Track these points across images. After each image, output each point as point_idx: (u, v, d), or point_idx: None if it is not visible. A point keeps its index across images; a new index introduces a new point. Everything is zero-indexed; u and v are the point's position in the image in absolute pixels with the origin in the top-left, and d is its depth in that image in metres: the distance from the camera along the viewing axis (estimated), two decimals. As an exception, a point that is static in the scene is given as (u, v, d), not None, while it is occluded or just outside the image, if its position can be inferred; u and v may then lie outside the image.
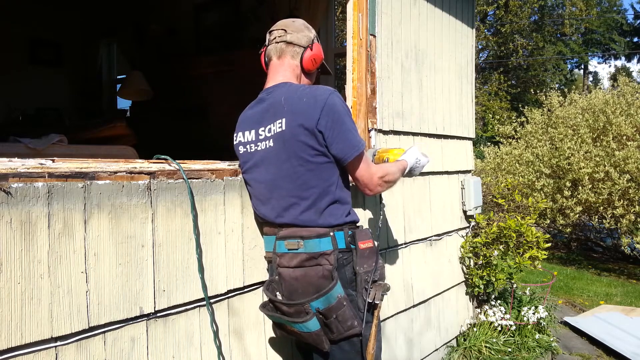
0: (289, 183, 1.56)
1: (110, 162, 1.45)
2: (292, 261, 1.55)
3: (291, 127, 1.53)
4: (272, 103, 1.62)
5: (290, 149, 1.54)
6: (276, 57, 1.71)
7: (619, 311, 4.28)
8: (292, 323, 1.52)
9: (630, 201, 6.05)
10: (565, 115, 7.24)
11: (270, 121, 1.60)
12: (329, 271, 1.52)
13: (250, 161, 1.67)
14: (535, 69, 21.21)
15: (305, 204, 1.55)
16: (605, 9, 25.81)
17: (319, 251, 1.53)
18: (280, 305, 1.54)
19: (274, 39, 1.70)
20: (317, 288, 1.51)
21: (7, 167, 1.20)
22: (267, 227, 1.70)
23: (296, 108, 1.54)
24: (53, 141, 2.47)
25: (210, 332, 1.66)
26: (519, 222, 3.48)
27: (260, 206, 1.68)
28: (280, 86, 1.65)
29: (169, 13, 5.04)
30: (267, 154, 1.60)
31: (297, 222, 1.56)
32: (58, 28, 5.27)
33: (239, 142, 1.72)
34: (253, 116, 1.68)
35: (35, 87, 5.04)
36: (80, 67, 5.59)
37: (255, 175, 1.66)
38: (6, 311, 1.16)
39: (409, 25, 2.90)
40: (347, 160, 1.58)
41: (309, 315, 1.48)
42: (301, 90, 1.60)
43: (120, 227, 1.40)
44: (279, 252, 1.59)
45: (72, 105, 5.42)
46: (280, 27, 1.72)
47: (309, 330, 1.49)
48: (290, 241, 1.55)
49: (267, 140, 1.60)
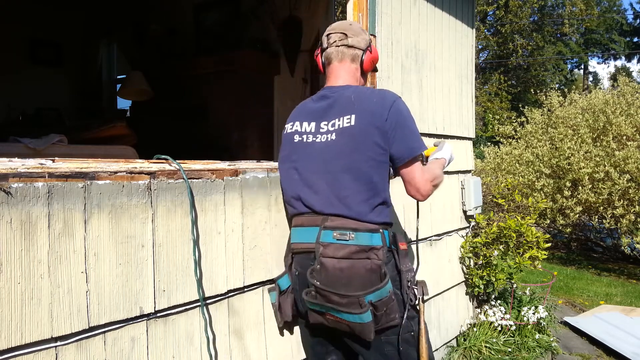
0: (349, 176, 1.61)
1: (111, 162, 1.45)
2: (338, 252, 1.57)
3: (361, 124, 1.61)
4: (337, 100, 1.69)
5: (357, 145, 1.60)
6: (337, 60, 1.77)
7: (619, 311, 4.28)
8: (344, 313, 1.53)
9: (630, 201, 6.05)
10: (565, 115, 7.25)
11: (335, 117, 1.67)
12: (377, 265, 1.57)
13: (303, 150, 1.70)
14: (535, 69, 21.22)
15: (362, 197, 1.60)
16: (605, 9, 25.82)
17: (370, 245, 1.58)
18: (329, 295, 1.53)
19: (334, 43, 1.77)
20: (364, 281, 1.54)
21: (7, 167, 1.20)
22: (305, 217, 1.69)
23: (366, 107, 1.63)
24: (53, 141, 2.47)
25: (210, 332, 1.66)
26: (519, 222, 3.48)
27: (310, 195, 1.67)
28: (346, 87, 1.74)
29: (169, 13, 5.04)
30: (327, 146, 1.65)
31: (350, 214, 1.60)
32: (58, 28, 5.27)
33: (294, 131, 1.75)
34: (315, 110, 1.74)
35: (35, 87, 5.03)
36: (80, 67, 5.59)
37: (308, 165, 1.68)
38: (6, 311, 1.16)
39: (409, 25, 2.90)
40: (404, 160, 1.63)
41: (365, 307, 1.51)
42: (370, 92, 1.71)
43: (120, 227, 1.40)
44: (324, 241, 1.59)
45: (72, 105, 5.42)
46: (338, 31, 1.78)
47: (362, 322, 1.52)
48: (341, 232, 1.58)
49: (329, 133, 1.66)
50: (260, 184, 1.86)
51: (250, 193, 1.82)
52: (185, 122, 4.53)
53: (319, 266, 1.58)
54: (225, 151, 3.94)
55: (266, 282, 1.89)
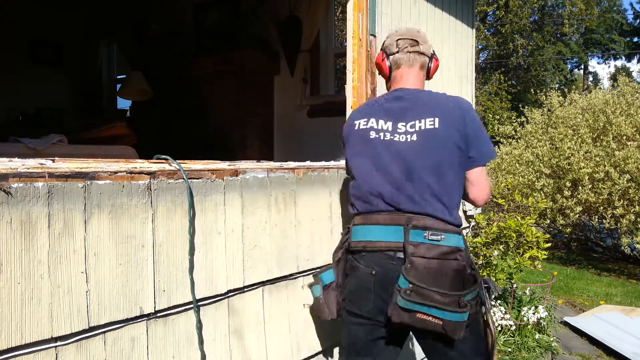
0: (434, 177, 1.65)
1: (111, 162, 1.45)
2: (430, 252, 1.59)
3: (445, 126, 1.66)
4: (415, 103, 1.74)
5: (441, 147, 1.66)
6: (407, 65, 1.83)
7: (619, 311, 4.28)
8: (446, 312, 1.54)
9: (630, 201, 6.05)
10: (565, 115, 7.24)
11: (413, 118, 1.71)
12: (463, 267, 1.61)
13: (382, 148, 1.72)
14: (535, 69, 21.20)
15: (445, 199, 1.65)
16: (605, 8, 25.80)
17: (456, 246, 1.62)
18: (432, 294, 1.54)
19: (405, 49, 1.82)
20: (451, 281, 1.58)
21: (7, 167, 1.20)
22: (384, 215, 1.69)
23: (447, 111, 1.70)
24: (53, 141, 2.48)
25: (211, 331, 1.66)
26: (519, 222, 3.48)
27: (394, 193, 1.68)
28: (419, 90, 1.80)
29: (169, 13, 5.04)
30: (408, 146, 1.68)
31: (436, 214, 1.63)
32: (58, 28, 5.27)
33: (370, 127, 1.76)
34: (391, 109, 1.77)
35: (35, 87, 5.04)
36: (80, 67, 5.60)
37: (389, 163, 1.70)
38: (6, 311, 1.16)
39: (409, 25, 2.90)
40: (480, 163, 1.71)
41: (465, 307, 1.55)
42: (446, 96, 1.78)
43: (120, 227, 1.40)
44: (415, 241, 1.61)
45: (72, 105, 5.42)
46: (409, 37, 1.84)
47: (461, 320, 1.55)
48: (433, 232, 1.61)
49: (409, 134, 1.69)
50: (260, 184, 1.86)
51: (250, 193, 1.82)
52: (185, 122, 4.52)
53: (409, 265, 1.58)
54: (225, 151, 3.94)
55: (266, 282, 1.89)
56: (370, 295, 1.68)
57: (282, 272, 1.96)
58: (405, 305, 1.56)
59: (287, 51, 4.32)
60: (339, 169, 2.29)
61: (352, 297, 1.75)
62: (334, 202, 2.25)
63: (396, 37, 1.86)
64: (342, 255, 1.81)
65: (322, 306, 1.81)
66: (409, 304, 1.55)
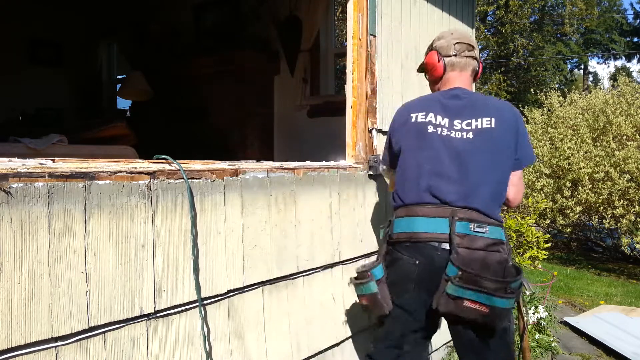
0: (484, 174, 1.74)
1: (111, 162, 1.45)
2: (474, 243, 1.66)
3: (501, 128, 1.77)
4: (472, 103, 1.83)
5: (496, 146, 1.75)
6: (462, 68, 1.92)
7: (619, 311, 4.28)
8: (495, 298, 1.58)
9: (630, 201, 6.05)
10: (565, 115, 7.25)
11: (470, 117, 1.79)
12: (504, 259, 1.69)
13: (439, 142, 1.79)
14: (535, 69, 21.20)
15: (494, 195, 1.75)
16: (605, 8, 25.80)
17: (499, 239, 1.71)
18: (481, 280, 1.59)
19: (462, 53, 1.91)
20: (494, 271, 1.64)
21: (7, 167, 1.20)
22: (429, 208, 1.74)
23: (503, 114, 1.80)
24: (53, 141, 2.48)
25: (211, 331, 1.66)
26: (519, 222, 3.48)
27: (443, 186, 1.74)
28: (473, 92, 1.92)
29: (169, 13, 5.04)
30: (465, 143, 1.76)
31: (482, 208, 1.71)
32: (58, 28, 5.27)
33: (428, 122, 1.82)
34: (449, 106, 1.84)
35: (35, 87, 5.04)
36: (80, 67, 5.59)
37: (444, 158, 1.77)
38: (6, 311, 1.16)
39: (409, 25, 2.90)
40: (524, 166, 1.84)
41: (511, 294, 1.60)
42: (499, 100, 1.93)
43: (120, 227, 1.40)
44: (461, 232, 1.67)
45: (72, 105, 5.42)
46: (465, 42, 1.93)
47: (505, 307, 1.61)
48: (479, 225, 1.68)
49: (465, 132, 1.78)
50: (260, 184, 1.86)
51: (250, 193, 1.82)
52: (185, 122, 4.52)
53: (456, 255, 1.64)
54: (225, 151, 3.94)
55: (266, 282, 1.89)
56: (412, 285, 1.74)
57: (282, 272, 1.96)
58: (454, 292, 1.60)
59: (287, 51, 4.31)
60: (339, 169, 2.29)
61: (393, 287, 1.80)
62: (334, 202, 2.25)
63: (454, 40, 1.92)
64: (386, 248, 1.86)
65: (380, 301, 1.82)
66: (459, 290, 1.60)
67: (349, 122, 2.49)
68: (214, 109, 4.41)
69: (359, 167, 2.44)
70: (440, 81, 1.94)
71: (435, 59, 1.92)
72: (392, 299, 1.80)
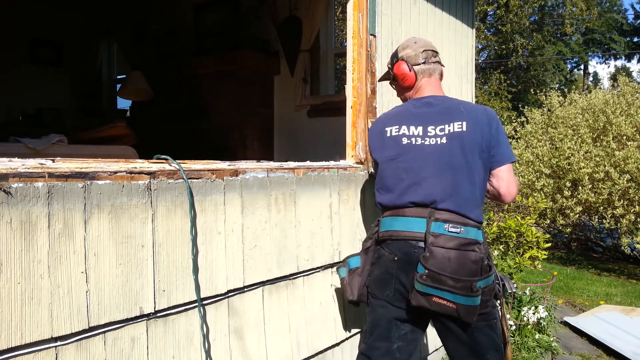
0: (460, 176, 1.79)
1: (111, 162, 1.45)
2: (448, 243, 1.73)
3: (472, 130, 1.81)
4: (444, 108, 1.89)
5: (469, 148, 1.80)
6: (430, 75, 1.99)
7: (619, 311, 4.28)
8: (459, 296, 1.67)
9: (630, 201, 6.05)
10: (565, 115, 7.25)
11: (444, 122, 1.85)
12: (480, 258, 1.74)
13: (413, 152, 1.86)
14: (536, 68, 21.20)
15: (470, 196, 1.79)
16: (605, 8, 25.79)
17: (474, 239, 1.75)
18: (445, 279, 1.67)
19: (429, 59, 1.99)
20: (469, 270, 1.71)
21: (7, 167, 1.20)
22: (409, 209, 1.83)
23: (475, 116, 1.85)
24: (53, 141, 2.48)
25: (211, 331, 1.66)
26: (519, 222, 3.48)
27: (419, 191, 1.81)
28: (446, 98, 1.97)
29: (168, 13, 5.04)
30: (438, 148, 1.83)
31: (458, 210, 1.77)
32: (58, 28, 5.27)
33: (402, 134, 1.90)
34: (420, 115, 1.91)
35: (35, 87, 5.04)
36: (81, 67, 5.60)
37: (419, 165, 1.84)
38: (6, 311, 1.16)
39: (409, 25, 2.90)
40: (502, 164, 1.85)
41: (477, 292, 1.67)
42: (473, 104, 2.00)
43: (120, 227, 1.40)
44: (435, 232, 1.74)
45: (72, 105, 5.42)
46: (430, 48, 2.01)
47: (473, 304, 1.68)
48: (453, 225, 1.74)
49: (438, 137, 1.84)
50: (260, 184, 1.86)
51: (250, 193, 1.82)
52: (185, 122, 4.52)
53: (429, 254, 1.71)
54: (225, 151, 3.94)
55: (266, 282, 1.90)
56: (392, 280, 1.83)
57: (282, 272, 1.96)
58: (421, 289, 1.70)
59: (287, 51, 4.31)
60: (338, 169, 2.29)
61: (376, 282, 1.90)
62: (334, 202, 2.26)
63: (420, 49, 2.00)
64: (371, 245, 1.96)
65: (346, 286, 2.00)
66: (425, 288, 1.69)
67: (349, 122, 2.49)
68: (214, 109, 4.42)
69: (359, 167, 2.44)
70: (412, 89, 2.02)
71: (405, 68, 1.99)
72: (375, 292, 1.90)
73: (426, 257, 1.71)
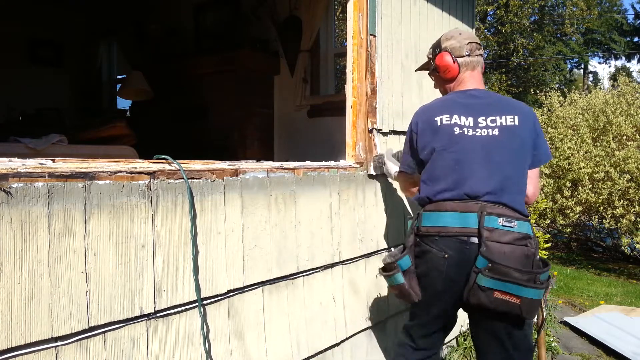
0: (512, 170, 1.80)
1: (111, 162, 1.45)
2: (503, 237, 1.70)
3: (524, 125, 1.84)
4: (494, 101, 1.91)
5: (520, 142, 1.82)
6: (473, 68, 1.98)
7: (619, 311, 4.28)
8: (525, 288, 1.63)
9: (630, 201, 6.05)
10: (565, 115, 7.25)
11: (494, 114, 1.85)
12: (532, 253, 1.72)
13: (465, 142, 1.84)
14: (536, 69, 21.20)
15: (520, 190, 1.81)
16: (605, 8, 25.79)
17: (527, 233, 1.74)
18: (511, 271, 1.63)
19: (474, 51, 1.97)
20: (523, 265, 1.68)
21: (7, 167, 1.20)
22: (457, 203, 1.79)
23: (525, 112, 1.87)
24: (53, 141, 2.48)
25: (211, 331, 1.66)
26: (519, 222, 3.47)
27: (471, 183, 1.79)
28: (489, 91, 1.98)
29: (169, 13, 5.04)
30: (489, 140, 1.82)
31: (511, 203, 1.76)
32: (58, 28, 5.27)
33: (454, 123, 1.86)
34: (470, 106, 1.89)
35: (35, 87, 5.04)
36: (81, 67, 5.59)
37: (470, 156, 1.82)
38: (6, 311, 1.16)
39: (409, 25, 2.90)
40: (540, 164, 1.90)
41: (541, 284, 1.65)
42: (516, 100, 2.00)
43: (120, 227, 1.40)
44: (490, 226, 1.71)
45: (72, 105, 5.42)
46: (474, 41, 2.00)
47: (537, 297, 1.65)
48: (507, 219, 1.72)
49: (490, 129, 1.83)
50: (260, 184, 1.86)
51: (250, 193, 1.82)
52: (185, 122, 4.52)
53: (485, 249, 1.68)
54: (225, 151, 3.94)
55: (266, 282, 1.89)
56: (441, 278, 1.79)
57: (282, 272, 1.96)
58: (485, 284, 1.65)
59: (287, 51, 4.31)
60: (339, 169, 2.29)
61: (423, 278, 1.86)
62: (334, 202, 2.26)
63: (465, 41, 1.97)
64: (413, 240, 1.90)
65: (409, 290, 1.89)
66: (489, 282, 1.64)
67: (349, 122, 2.49)
68: (214, 109, 4.41)
69: (359, 167, 2.44)
70: (454, 81, 1.98)
71: (449, 60, 1.96)
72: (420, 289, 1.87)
73: (484, 251, 1.67)
